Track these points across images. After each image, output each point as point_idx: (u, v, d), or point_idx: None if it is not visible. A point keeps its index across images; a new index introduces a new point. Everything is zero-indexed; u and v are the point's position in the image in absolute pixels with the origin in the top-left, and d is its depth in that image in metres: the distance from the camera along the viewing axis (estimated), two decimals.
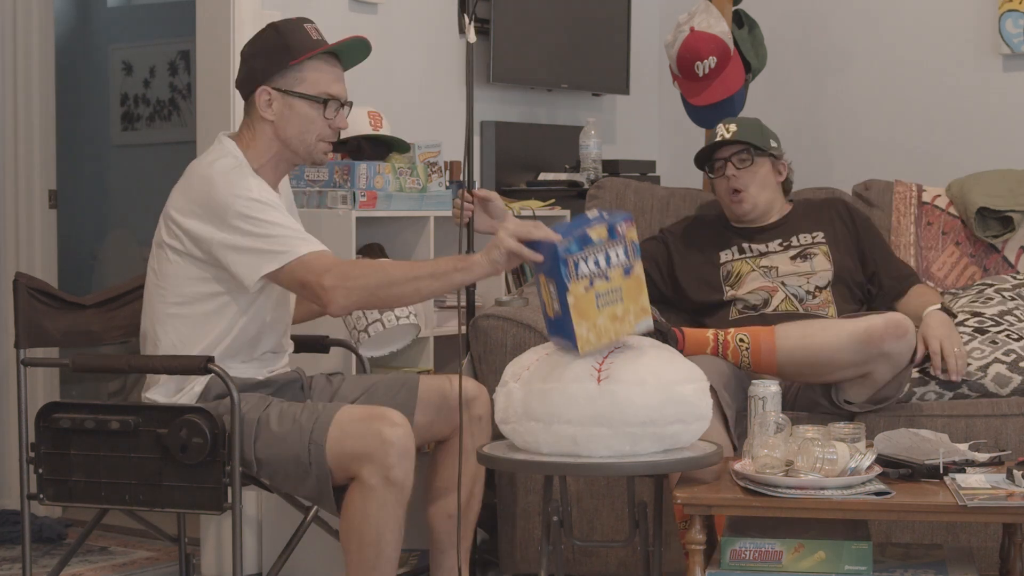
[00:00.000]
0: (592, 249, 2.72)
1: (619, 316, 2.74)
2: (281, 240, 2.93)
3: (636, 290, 2.77)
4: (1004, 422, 3.50)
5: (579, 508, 3.64)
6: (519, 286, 4.54)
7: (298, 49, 3.07)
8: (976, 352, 3.66)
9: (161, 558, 4.24)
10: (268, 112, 3.08)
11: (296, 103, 3.07)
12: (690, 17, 4.52)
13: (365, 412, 2.92)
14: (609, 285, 2.73)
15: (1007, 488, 2.77)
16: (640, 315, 2.77)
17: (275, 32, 3.09)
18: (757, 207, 3.91)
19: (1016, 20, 4.81)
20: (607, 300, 2.73)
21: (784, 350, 3.40)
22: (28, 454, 3.10)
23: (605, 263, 2.73)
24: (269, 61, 3.07)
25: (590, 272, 2.72)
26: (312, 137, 3.10)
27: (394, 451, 2.83)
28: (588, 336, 2.72)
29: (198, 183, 3.02)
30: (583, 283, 2.71)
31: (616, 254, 2.74)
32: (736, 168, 3.87)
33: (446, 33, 4.69)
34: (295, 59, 3.06)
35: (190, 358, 2.99)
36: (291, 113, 3.08)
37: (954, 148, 4.95)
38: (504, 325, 3.65)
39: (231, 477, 2.91)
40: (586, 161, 4.86)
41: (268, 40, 3.10)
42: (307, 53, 3.07)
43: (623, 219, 2.75)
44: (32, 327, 3.20)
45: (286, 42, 3.07)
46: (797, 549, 2.83)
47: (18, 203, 4.83)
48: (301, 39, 3.08)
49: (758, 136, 3.90)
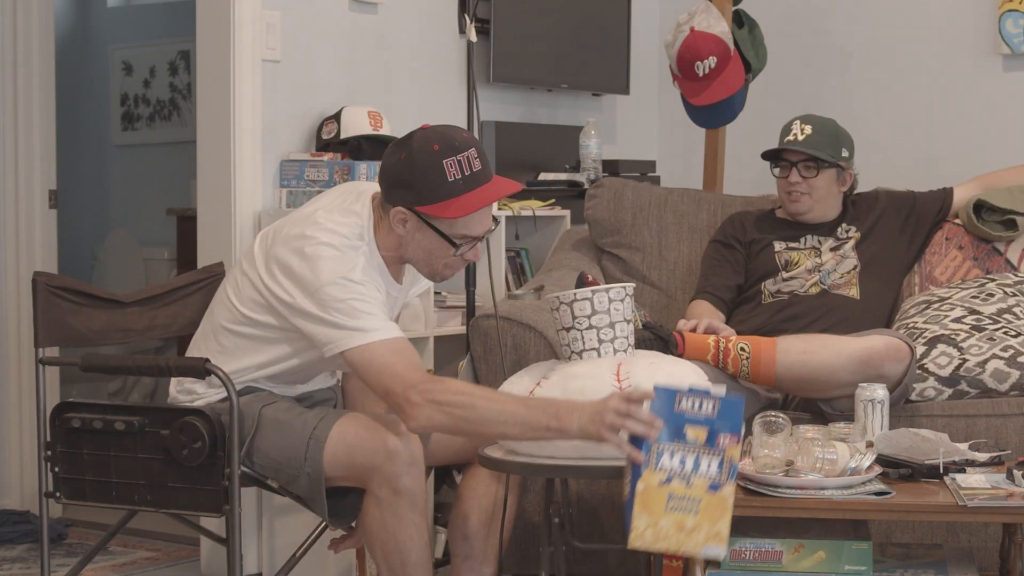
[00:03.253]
0: (683, 446, 2.51)
1: (687, 528, 2.50)
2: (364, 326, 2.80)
3: (717, 511, 2.50)
4: (1004, 422, 3.50)
5: (579, 509, 3.63)
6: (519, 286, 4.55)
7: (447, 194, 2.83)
8: (974, 348, 3.66)
9: (161, 558, 4.24)
10: (399, 228, 2.89)
11: (431, 233, 2.88)
12: (690, 17, 4.52)
13: (369, 422, 2.89)
14: (688, 491, 2.49)
15: (1007, 488, 2.77)
16: (712, 539, 2.50)
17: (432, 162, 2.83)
18: (813, 211, 3.99)
19: (1016, 20, 4.80)
20: (679, 506, 2.49)
21: (783, 364, 3.40)
22: (45, 452, 3.10)
23: (692, 467, 2.50)
24: (413, 193, 2.85)
25: (671, 468, 2.51)
26: (439, 264, 2.94)
27: (400, 460, 2.80)
28: (644, 532, 2.51)
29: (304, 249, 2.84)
30: (660, 475, 2.50)
31: (708, 464, 2.50)
32: (800, 175, 3.93)
33: (446, 33, 4.69)
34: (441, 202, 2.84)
35: (191, 359, 2.99)
36: (423, 239, 2.89)
37: (954, 148, 4.94)
38: (504, 325, 3.65)
39: (230, 479, 2.91)
40: (586, 161, 4.85)
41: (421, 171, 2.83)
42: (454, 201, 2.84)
43: (730, 431, 2.50)
44: (54, 325, 3.19)
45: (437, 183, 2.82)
46: (797, 549, 2.83)
47: (18, 203, 4.83)
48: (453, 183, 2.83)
49: (829, 146, 3.93)
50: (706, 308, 3.86)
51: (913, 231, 4.05)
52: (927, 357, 3.64)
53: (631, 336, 2.96)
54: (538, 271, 4.44)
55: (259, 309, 2.96)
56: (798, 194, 3.95)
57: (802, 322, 3.79)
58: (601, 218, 4.35)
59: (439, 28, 4.67)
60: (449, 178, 2.83)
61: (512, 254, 4.67)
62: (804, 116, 4.00)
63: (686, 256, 4.28)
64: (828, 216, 4.01)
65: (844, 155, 3.96)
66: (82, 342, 3.30)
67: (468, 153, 2.85)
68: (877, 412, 3.10)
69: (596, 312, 2.90)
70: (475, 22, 4.03)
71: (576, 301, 2.90)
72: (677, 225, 4.32)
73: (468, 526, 3.07)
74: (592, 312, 2.90)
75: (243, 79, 3.96)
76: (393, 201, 2.88)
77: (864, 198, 4.10)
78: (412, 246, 2.92)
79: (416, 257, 2.94)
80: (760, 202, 4.31)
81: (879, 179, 4.39)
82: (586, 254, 4.36)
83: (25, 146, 4.84)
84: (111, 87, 6.83)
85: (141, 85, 6.72)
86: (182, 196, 6.14)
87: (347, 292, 2.81)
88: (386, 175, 2.90)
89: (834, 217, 4.02)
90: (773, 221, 4.09)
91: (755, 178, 4.84)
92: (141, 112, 6.73)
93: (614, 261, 4.33)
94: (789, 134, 3.95)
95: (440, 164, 2.83)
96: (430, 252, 2.92)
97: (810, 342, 3.46)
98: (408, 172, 2.85)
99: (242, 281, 3.00)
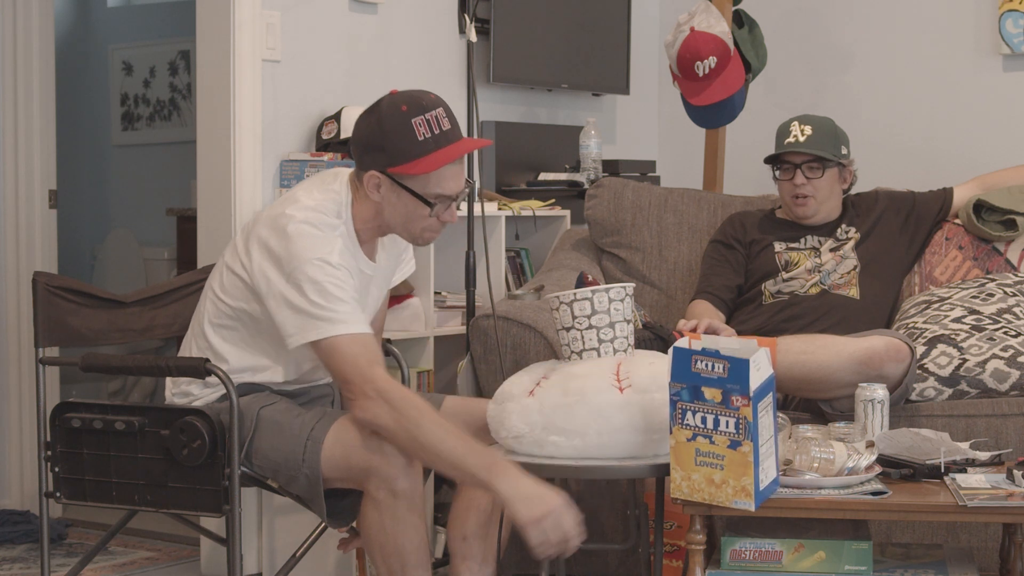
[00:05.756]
0: (703, 405, 2.65)
1: (716, 483, 2.66)
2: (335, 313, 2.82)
3: (740, 467, 2.64)
4: (1004, 421, 3.50)
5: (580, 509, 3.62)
6: (519, 286, 4.55)
7: (417, 153, 2.88)
8: (974, 348, 3.66)
9: (161, 558, 4.24)
10: (375, 195, 2.93)
11: (405, 195, 2.92)
12: (690, 17, 4.52)
13: None
14: (712, 448, 2.65)
15: (1007, 488, 2.77)
16: (739, 494, 2.65)
17: (401, 122, 2.88)
18: (819, 212, 3.98)
19: (1016, 20, 4.80)
20: (706, 461, 2.66)
21: (783, 365, 3.40)
22: (45, 452, 3.10)
23: (713, 425, 2.65)
24: (385, 155, 2.90)
25: (695, 425, 2.66)
26: (416, 228, 2.97)
27: (397, 462, 2.80)
28: (681, 485, 2.69)
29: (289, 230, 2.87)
30: (686, 432, 2.66)
31: (726, 423, 2.64)
32: (805, 177, 3.93)
33: (446, 33, 4.69)
34: (411, 161, 2.89)
35: (191, 359, 2.99)
36: (398, 202, 2.93)
37: (954, 148, 4.94)
38: (504, 325, 3.65)
39: (230, 479, 2.91)
40: (586, 161, 4.85)
41: (391, 132, 2.88)
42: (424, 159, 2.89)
43: (740, 393, 2.62)
44: (54, 325, 3.20)
45: (406, 142, 2.88)
46: (797, 549, 2.83)
47: (18, 203, 4.83)
48: (424, 142, 2.88)
49: (831, 145, 3.93)
50: (706, 308, 3.86)
51: (913, 231, 4.05)
52: (927, 357, 3.64)
53: (631, 336, 2.96)
54: (538, 271, 4.44)
55: (243, 296, 2.96)
56: (804, 197, 3.94)
57: (802, 322, 3.79)
58: (601, 218, 4.35)
59: (439, 28, 4.67)
60: (419, 137, 2.88)
61: (512, 254, 4.67)
62: (801, 117, 3.99)
63: (686, 256, 4.28)
64: (830, 217, 4.01)
65: (844, 153, 3.97)
66: (82, 342, 3.30)
67: (436, 112, 2.91)
68: (877, 412, 3.10)
69: (596, 312, 2.90)
70: (475, 22, 4.02)
71: (576, 301, 2.90)
72: (677, 225, 4.32)
73: (467, 527, 3.07)
74: (592, 312, 2.90)
75: (243, 79, 3.96)
76: (366, 166, 2.93)
77: (864, 198, 4.10)
78: (388, 211, 2.95)
79: (394, 222, 2.97)
80: (760, 202, 4.31)
81: (879, 179, 4.39)
82: (586, 254, 4.37)
83: (25, 146, 4.84)
84: (111, 87, 6.83)
85: (141, 85, 6.72)
86: (182, 196, 6.14)
87: (324, 274, 2.83)
88: (358, 141, 2.96)
89: (835, 218, 4.02)
90: (773, 221, 4.09)
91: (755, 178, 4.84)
92: (141, 112, 6.72)
93: (614, 261, 4.33)
94: (789, 136, 3.94)
95: (409, 124, 2.88)
96: (406, 215, 2.95)
97: (810, 342, 3.46)
98: (379, 134, 2.90)
99: (225, 272, 3.01)
